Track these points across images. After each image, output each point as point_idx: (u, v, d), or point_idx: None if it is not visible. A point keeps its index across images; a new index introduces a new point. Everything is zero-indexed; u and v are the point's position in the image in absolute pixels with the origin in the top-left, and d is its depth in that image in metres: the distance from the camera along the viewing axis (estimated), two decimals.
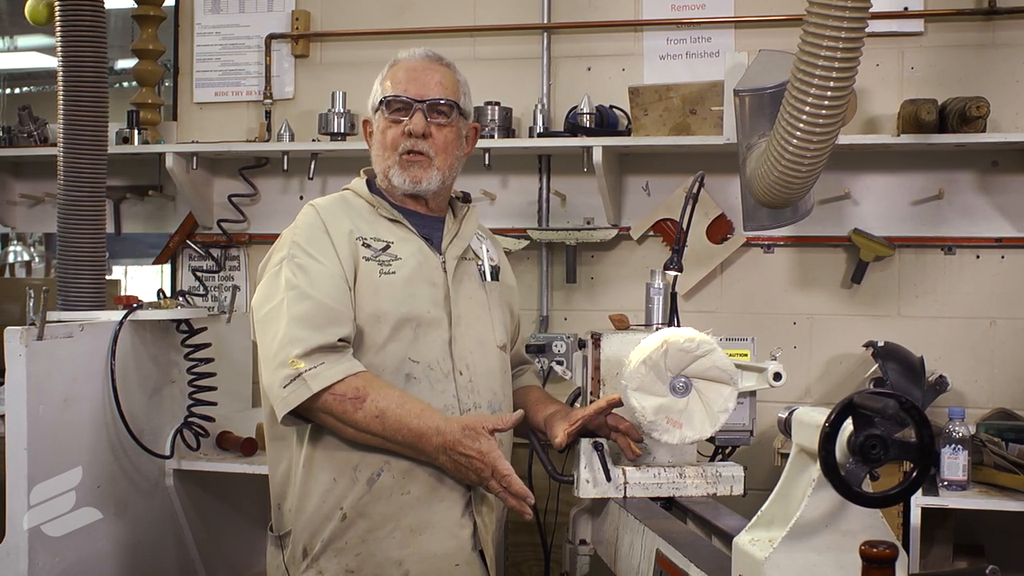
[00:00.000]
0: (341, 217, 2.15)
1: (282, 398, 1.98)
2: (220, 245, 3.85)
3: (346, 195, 2.25)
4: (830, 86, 2.41)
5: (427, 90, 2.19)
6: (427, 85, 2.19)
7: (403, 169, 2.18)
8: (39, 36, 5.62)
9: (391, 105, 2.18)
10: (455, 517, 2.10)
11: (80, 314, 2.89)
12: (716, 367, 1.95)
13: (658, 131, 3.31)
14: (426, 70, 2.21)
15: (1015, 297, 3.30)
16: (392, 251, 2.14)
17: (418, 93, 2.18)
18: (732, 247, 3.46)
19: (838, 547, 1.43)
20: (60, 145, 2.97)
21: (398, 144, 2.18)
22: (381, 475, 2.06)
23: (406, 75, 2.20)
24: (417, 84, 2.19)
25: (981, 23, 3.31)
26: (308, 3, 3.80)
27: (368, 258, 2.11)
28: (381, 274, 2.11)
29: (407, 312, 2.10)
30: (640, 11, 3.55)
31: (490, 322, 2.24)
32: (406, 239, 2.18)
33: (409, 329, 2.10)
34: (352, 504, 2.06)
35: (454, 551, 2.10)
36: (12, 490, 2.54)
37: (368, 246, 2.13)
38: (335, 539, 2.07)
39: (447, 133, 2.20)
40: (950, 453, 2.78)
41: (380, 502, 2.07)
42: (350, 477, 2.07)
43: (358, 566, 2.07)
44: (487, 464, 1.95)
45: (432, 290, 2.15)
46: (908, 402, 1.35)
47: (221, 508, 3.37)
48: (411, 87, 2.18)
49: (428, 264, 2.17)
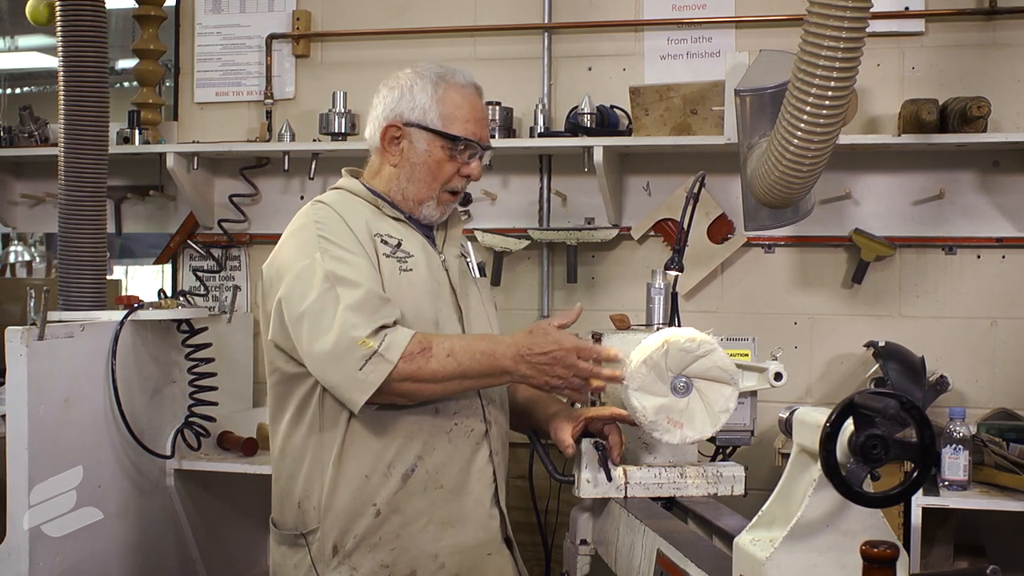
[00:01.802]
0: (354, 212, 2.14)
1: (362, 380, 1.94)
2: (221, 245, 3.85)
3: (345, 193, 2.24)
4: (831, 86, 2.41)
5: (486, 134, 2.21)
6: (486, 127, 2.22)
7: (440, 205, 2.20)
8: (40, 36, 5.62)
9: (459, 145, 2.17)
10: (485, 508, 2.14)
11: (81, 314, 2.90)
12: (717, 367, 1.95)
13: (659, 131, 3.31)
14: (484, 110, 2.24)
15: (1016, 297, 3.30)
16: (405, 248, 2.14)
17: (483, 138, 2.20)
18: (733, 247, 3.46)
19: (839, 547, 1.43)
20: (61, 145, 2.97)
21: (450, 181, 2.19)
22: (416, 470, 2.08)
23: (472, 113, 2.19)
24: (481, 127, 2.20)
25: (982, 23, 3.30)
26: (309, 3, 3.80)
27: (387, 255, 2.11)
28: (401, 271, 2.11)
29: (426, 310, 2.11)
30: (641, 11, 3.55)
31: (487, 317, 2.28)
32: (412, 237, 2.19)
33: (430, 327, 2.10)
34: (386, 500, 2.07)
35: (486, 541, 2.15)
36: (13, 490, 2.55)
37: (385, 242, 2.13)
38: (369, 535, 2.08)
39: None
40: (951, 453, 2.78)
41: (414, 497, 2.09)
42: (383, 473, 2.07)
43: (393, 561, 2.08)
44: (568, 349, 1.96)
45: (440, 288, 2.17)
46: (909, 402, 1.35)
47: (222, 508, 3.37)
48: (479, 131, 2.19)
49: (433, 263, 2.18)
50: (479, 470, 2.14)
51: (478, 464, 2.14)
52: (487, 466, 2.15)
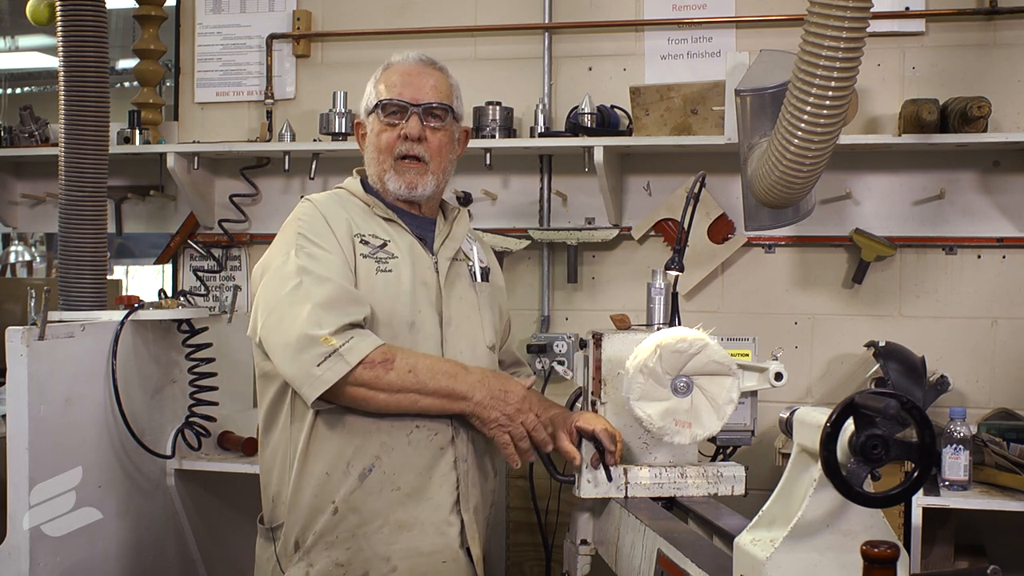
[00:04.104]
0: (338, 211, 2.17)
1: (316, 377, 1.96)
2: (221, 245, 3.85)
3: (340, 192, 2.27)
4: (831, 86, 2.40)
5: (422, 94, 2.20)
6: (422, 89, 2.20)
7: (399, 174, 2.20)
8: (40, 36, 5.63)
9: (386, 108, 2.19)
10: (443, 515, 2.13)
11: (81, 314, 2.90)
12: (713, 361, 1.96)
13: (659, 131, 3.31)
14: (421, 74, 2.22)
15: (1016, 297, 3.30)
16: (389, 249, 2.15)
17: (413, 97, 2.19)
18: (733, 247, 3.46)
19: (839, 547, 1.43)
20: (61, 145, 2.97)
21: (393, 147, 2.19)
22: (372, 470, 2.08)
23: (401, 79, 2.21)
24: (412, 88, 2.20)
25: (982, 23, 3.30)
26: (309, 3, 3.80)
27: (365, 255, 2.13)
28: (378, 271, 2.12)
29: (402, 311, 2.12)
30: (641, 11, 3.55)
31: (480, 323, 2.26)
32: (401, 238, 2.20)
33: (404, 328, 2.11)
34: (344, 498, 2.08)
35: (441, 548, 2.13)
36: (13, 490, 2.55)
37: (366, 243, 2.14)
38: (327, 532, 2.09)
39: (441, 137, 2.21)
40: (951, 453, 2.78)
41: (371, 497, 2.09)
42: (343, 471, 2.08)
43: (348, 560, 2.09)
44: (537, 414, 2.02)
45: (425, 290, 2.16)
46: (909, 402, 1.35)
47: (222, 508, 3.37)
48: (406, 91, 2.19)
49: (421, 264, 2.18)
50: (441, 476, 2.13)
51: (440, 470, 2.13)
52: (450, 472, 2.14)
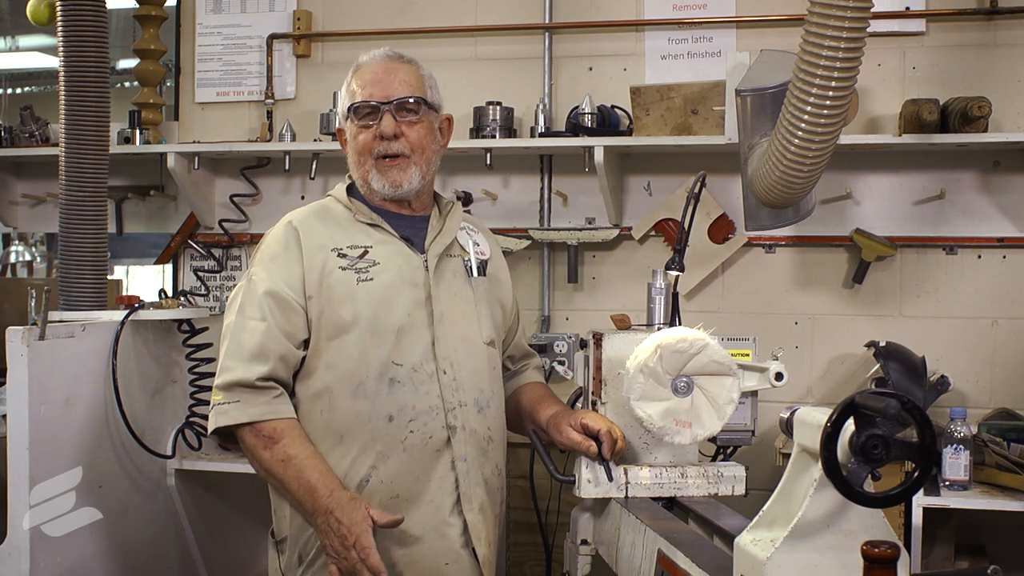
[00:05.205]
0: (316, 230, 2.17)
1: (211, 416, 2.10)
2: (222, 245, 3.85)
3: (326, 203, 2.26)
4: (832, 86, 2.40)
5: (392, 90, 2.18)
6: (391, 85, 2.19)
7: (381, 174, 2.19)
8: (41, 36, 5.63)
9: (359, 111, 2.19)
10: (442, 517, 2.12)
11: (82, 314, 2.90)
12: (713, 361, 1.95)
13: (660, 131, 3.31)
14: (388, 70, 2.21)
15: (1017, 297, 3.30)
16: (370, 256, 2.15)
17: (383, 95, 2.18)
18: (734, 247, 3.46)
19: (840, 547, 1.43)
20: (62, 145, 2.97)
21: (371, 148, 2.18)
22: (370, 480, 2.09)
23: (370, 78, 2.20)
24: (381, 86, 2.19)
25: (983, 23, 3.30)
26: (309, 3, 3.80)
27: (344, 268, 2.13)
28: (359, 282, 2.12)
29: (386, 318, 2.11)
30: (642, 11, 3.55)
31: (476, 318, 2.23)
32: (385, 242, 2.18)
33: (390, 334, 2.11)
34: None
35: (443, 551, 2.12)
36: (13, 490, 2.55)
37: (344, 255, 2.14)
38: None
39: (419, 129, 2.20)
40: (952, 453, 2.78)
41: None
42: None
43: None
44: (352, 533, 1.93)
45: (413, 291, 2.15)
46: (910, 402, 1.35)
47: (223, 508, 3.37)
48: (376, 90, 2.18)
49: (409, 265, 2.17)
50: (439, 478, 2.12)
51: (438, 472, 2.12)
52: (448, 474, 2.13)
